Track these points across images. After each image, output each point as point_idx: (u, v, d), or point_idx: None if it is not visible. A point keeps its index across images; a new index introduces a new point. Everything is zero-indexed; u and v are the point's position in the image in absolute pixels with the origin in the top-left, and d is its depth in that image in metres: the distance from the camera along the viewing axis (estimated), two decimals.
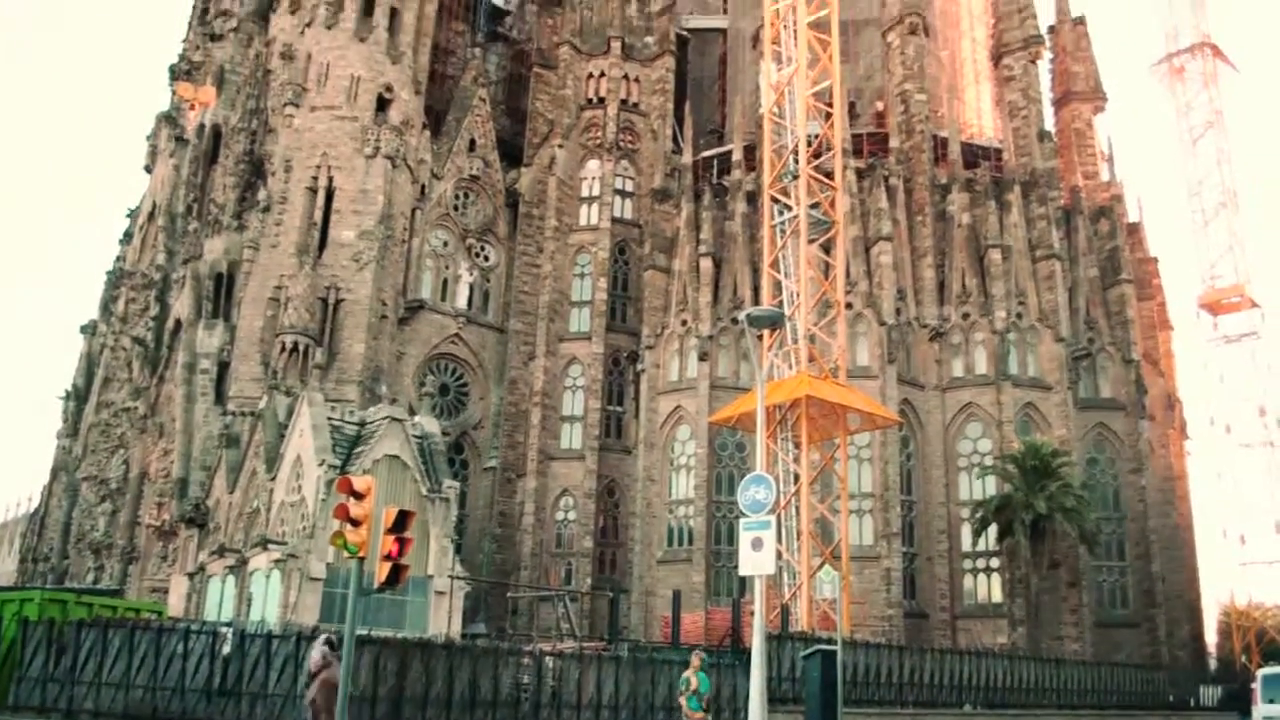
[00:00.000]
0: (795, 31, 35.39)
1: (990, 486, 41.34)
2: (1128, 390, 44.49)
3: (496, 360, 48.45)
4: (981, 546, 41.13)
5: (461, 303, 48.59)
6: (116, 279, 52.70)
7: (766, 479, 15.77)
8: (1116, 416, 44.37)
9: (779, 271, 34.23)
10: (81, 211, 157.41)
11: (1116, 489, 43.85)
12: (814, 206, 34.45)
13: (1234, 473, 55.47)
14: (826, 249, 36.48)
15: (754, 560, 15.42)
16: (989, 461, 41.87)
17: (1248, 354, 56.03)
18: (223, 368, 42.78)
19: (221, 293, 44.24)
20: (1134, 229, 50.26)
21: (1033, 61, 50.94)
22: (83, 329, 53.94)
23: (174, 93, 53.84)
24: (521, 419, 47.01)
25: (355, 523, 13.87)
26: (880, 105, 50.53)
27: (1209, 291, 56.44)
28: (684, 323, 44.60)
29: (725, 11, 58.08)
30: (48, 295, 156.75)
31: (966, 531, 41.29)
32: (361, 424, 34.51)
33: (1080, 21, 54.21)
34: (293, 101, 45.56)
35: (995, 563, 41.22)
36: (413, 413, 37.77)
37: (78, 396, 51.56)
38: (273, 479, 34.57)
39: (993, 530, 39.66)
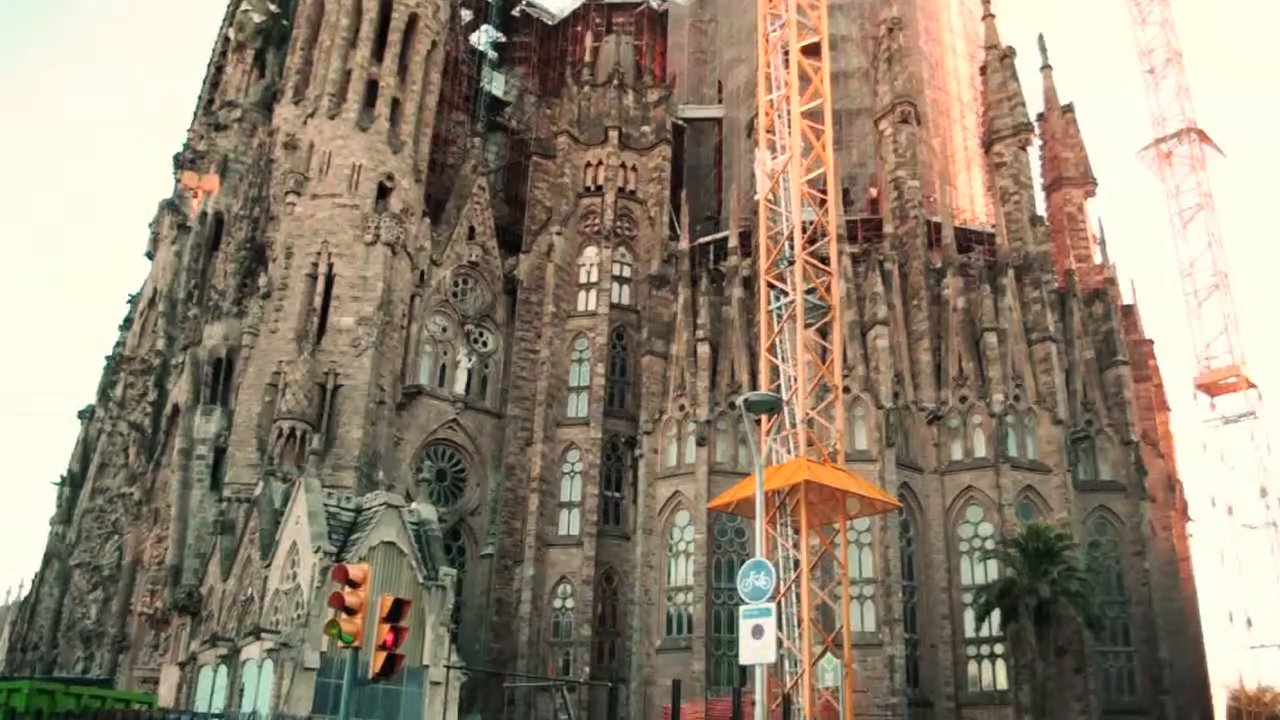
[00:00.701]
0: (789, 121, 36.10)
1: (992, 571, 40.87)
2: (1128, 472, 44.34)
3: (494, 446, 48.33)
4: (985, 632, 40.46)
5: (460, 388, 48.64)
6: (115, 364, 52.83)
7: (766, 565, 15.68)
8: (1117, 498, 44.14)
9: (776, 356, 34.38)
10: (80, 297, 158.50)
11: (1120, 572, 43.40)
12: (810, 292, 34.74)
13: (1238, 554, 54.96)
14: (823, 333, 36.65)
15: (755, 648, 15.25)
16: (990, 545, 41.50)
17: (1247, 434, 55.99)
18: (219, 454, 42.65)
19: (220, 378, 44.32)
20: (1129, 311, 50.61)
21: (1023, 148, 51.83)
22: (80, 414, 53.91)
23: (178, 181, 54.60)
24: (519, 505, 46.73)
25: (350, 611, 13.75)
26: (874, 191, 51.32)
27: (1205, 373, 56.58)
28: (682, 408, 44.61)
29: (720, 102, 59.26)
30: (43, 381, 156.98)
31: (969, 617, 40.69)
32: (358, 510, 34.33)
33: (1068, 109, 55.33)
34: (295, 190, 46.25)
35: (999, 649, 40.54)
36: (410, 499, 37.58)
37: (73, 482, 51.30)
38: (267, 566, 34.26)
39: (996, 615, 39.11)
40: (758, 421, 31.25)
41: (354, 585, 13.86)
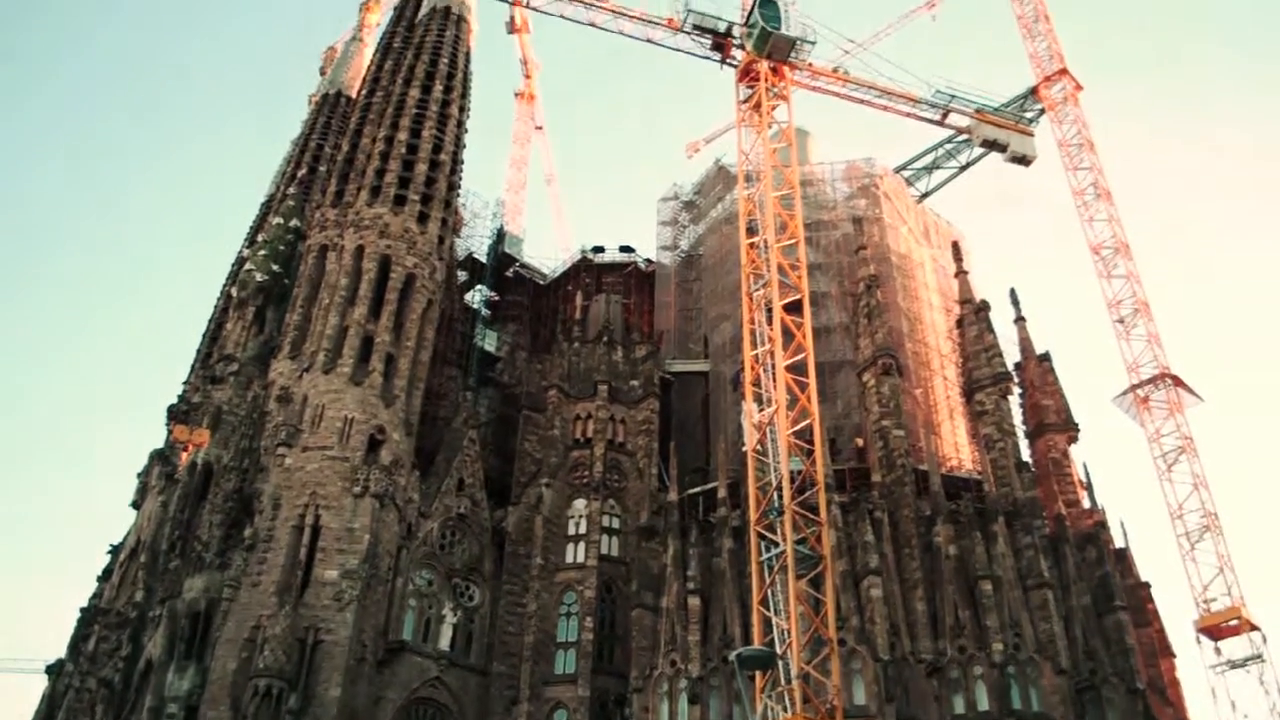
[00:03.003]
0: (774, 374, 37.14)
1: None
2: None
3: (478, 705, 46.34)
4: None
5: (444, 644, 47.16)
6: (90, 617, 51.35)
7: None
8: None
9: (769, 608, 33.85)
10: (60, 547, 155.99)
11: None
12: (800, 542, 34.67)
13: None
14: (815, 584, 36.24)
15: None
16: None
17: (1256, 679, 54.12)
18: (191, 712, 40.76)
19: (197, 632, 42.98)
20: (1122, 555, 50.36)
21: (1003, 397, 53.01)
22: (48, 669, 51.92)
23: (170, 433, 54.99)
24: None
25: None
26: (860, 441, 51.95)
27: (1205, 616, 55.23)
28: (673, 663, 43.21)
29: (706, 356, 60.88)
30: (11, 636, 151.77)
31: None
32: None
33: (1045, 358, 57.00)
34: (286, 442, 46.58)
35: None
36: None
37: None
38: None
39: None
40: (751, 677, 30.40)
41: None
